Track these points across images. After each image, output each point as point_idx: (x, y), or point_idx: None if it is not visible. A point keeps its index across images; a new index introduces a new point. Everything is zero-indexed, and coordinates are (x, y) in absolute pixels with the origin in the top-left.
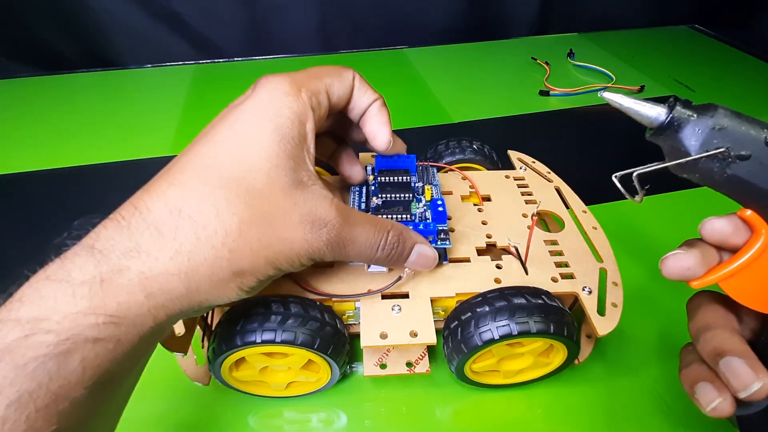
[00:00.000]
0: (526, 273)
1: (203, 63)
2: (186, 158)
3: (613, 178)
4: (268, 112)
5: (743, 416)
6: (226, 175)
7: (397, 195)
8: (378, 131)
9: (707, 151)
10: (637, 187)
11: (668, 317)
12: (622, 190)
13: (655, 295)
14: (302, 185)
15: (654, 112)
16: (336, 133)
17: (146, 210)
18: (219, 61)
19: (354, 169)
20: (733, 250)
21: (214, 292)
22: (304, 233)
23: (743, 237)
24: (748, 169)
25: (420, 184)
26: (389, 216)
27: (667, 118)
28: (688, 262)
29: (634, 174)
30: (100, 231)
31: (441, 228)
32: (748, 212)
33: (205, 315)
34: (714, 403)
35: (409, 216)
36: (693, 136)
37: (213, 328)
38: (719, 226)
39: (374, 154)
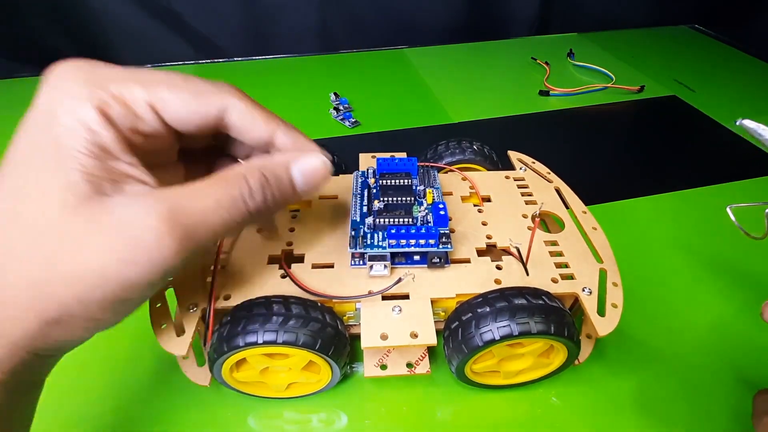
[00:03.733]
0: (527, 274)
1: (203, 63)
2: None
3: (728, 210)
4: (46, 122)
5: None
6: (3, 211)
7: (399, 198)
8: (298, 156)
9: None
10: (767, 223)
11: (668, 318)
12: (738, 224)
13: (654, 295)
14: (104, 196)
15: None
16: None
17: None
18: (219, 61)
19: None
20: None
21: (40, 343)
22: (118, 252)
23: None
24: None
25: (421, 187)
26: (391, 220)
27: None
28: None
29: (767, 210)
30: None
31: (443, 231)
32: None
33: (205, 316)
34: None
35: (411, 219)
36: None
37: (213, 329)
38: None
39: (375, 156)
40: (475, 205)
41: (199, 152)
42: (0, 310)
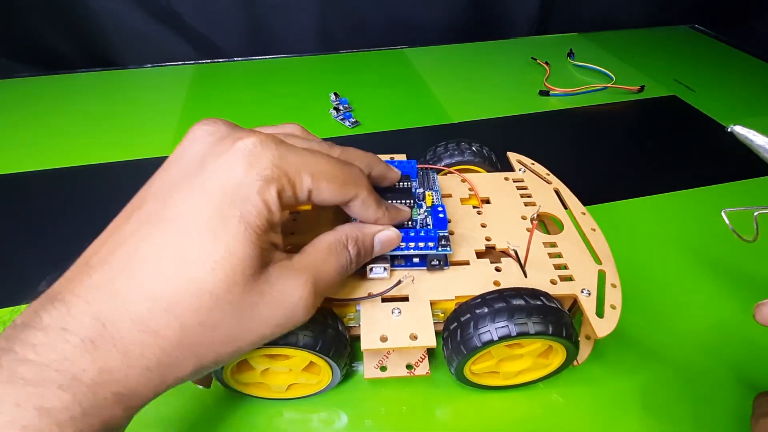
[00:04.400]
0: (525, 276)
1: (203, 63)
2: (146, 243)
3: (723, 214)
4: (236, 197)
5: None
6: (189, 276)
7: (399, 201)
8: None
9: None
10: (755, 226)
11: (667, 319)
12: (731, 227)
13: (653, 296)
14: (266, 266)
15: None
16: None
17: (110, 323)
18: (219, 61)
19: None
20: None
21: (176, 383)
22: (277, 320)
23: None
24: None
25: (421, 190)
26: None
27: None
28: None
29: (755, 214)
30: (63, 347)
31: (442, 234)
32: None
33: None
34: None
35: (410, 222)
36: None
37: None
38: None
39: None
40: (474, 207)
41: None
42: (172, 359)
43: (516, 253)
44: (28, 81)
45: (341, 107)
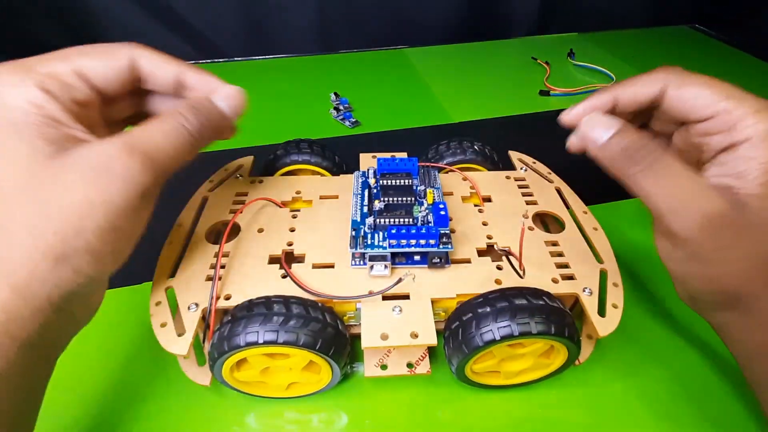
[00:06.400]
0: (520, 276)
1: (203, 63)
2: None
3: None
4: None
5: None
6: None
7: (400, 198)
8: (215, 90)
9: None
10: None
11: (669, 318)
12: None
13: (656, 295)
14: (67, 150)
15: None
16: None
17: None
18: (219, 61)
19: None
20: None
21: (53, 287)
22: (95, 180)
23: None
24: None
25: (422, 187)
26: (392, 220)
27: None
28: None
29: None
30: None
31: (443, 231)
32: None
33: (205, 316)
34: None
35: (411, 220)
36: None
37: (214, 329)
38: None
39: (376, 156)
40: (475, 205)
41: (124, 124)
42: (6, 254)
43: (508, 257)
44: None
45: (341, 107)
